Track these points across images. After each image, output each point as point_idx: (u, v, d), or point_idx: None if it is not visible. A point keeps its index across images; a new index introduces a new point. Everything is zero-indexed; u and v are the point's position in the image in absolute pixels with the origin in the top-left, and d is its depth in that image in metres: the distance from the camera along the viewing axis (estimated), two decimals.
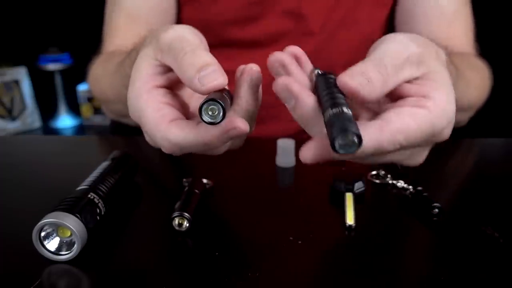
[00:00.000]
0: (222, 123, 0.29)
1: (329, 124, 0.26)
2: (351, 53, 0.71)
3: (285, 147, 0.51)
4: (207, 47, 0.34)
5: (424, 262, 0.35)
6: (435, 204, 0.41)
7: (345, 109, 0.26)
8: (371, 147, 0.27)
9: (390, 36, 0.32)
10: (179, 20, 0.71)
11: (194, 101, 0.37)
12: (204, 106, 0.28)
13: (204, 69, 0.30)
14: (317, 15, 0.68)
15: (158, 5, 0.69)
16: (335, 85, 0.29)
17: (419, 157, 0.32)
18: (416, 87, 0.30)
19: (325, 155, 0.28)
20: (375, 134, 0.27)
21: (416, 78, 0.31)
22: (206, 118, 0.29)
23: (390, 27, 0.74)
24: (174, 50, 0.31)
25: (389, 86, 0.29)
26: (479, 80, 0.63)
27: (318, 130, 0.29)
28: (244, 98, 0.32)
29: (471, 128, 0.71)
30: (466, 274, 0.33)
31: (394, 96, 0.31)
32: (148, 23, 0.67)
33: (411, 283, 0.32)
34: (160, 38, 0.33)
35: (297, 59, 0.33)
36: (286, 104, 0.30)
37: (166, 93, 0.33)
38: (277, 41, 0.69)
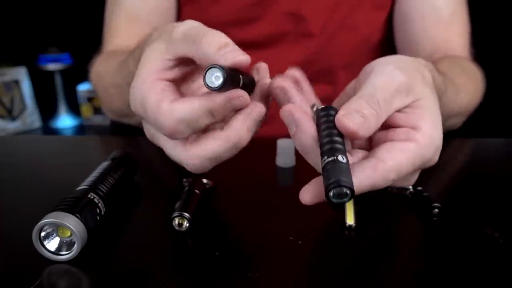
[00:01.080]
0: (227, 93, 0.31)
1: (324, 172, 0.28)
2: (351, 54, 0.71)
3: (285, 147, 0.51)
4: None
5: (424, 262, 0.35)
6: (435, 204, 0.41)
7: (340, 158, 0.28)
8: (366, 186, 0.29)
9: (378, 67, 0.33)
10: (178, 21, 0.71)
11: None
12: (208, 72, 0.30)
13: (225, 47, 0.31)
14: (317, 16, 0.68)
15: (159, 6, 0.69)
16: (335, 124, 0.30)
17: (410, 180, 0.34)
18: (404, 117, 0.32)
19: (322, 197, 0.29)
20: (370, 175, 0.29)
21: (406, 107, 0.32)
22: (208, 81, 0.30)
23: (389, 28, 0.74)
24: (191, 35, 0.32)
25: (382, 119, 0.31)
26: (470, 85, 0.63)
27: (315, 160, 0.31)
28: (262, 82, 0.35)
29: (471, 128, 0.71)
30: (466, 274, 0.33)
31: (384, 124, 0.32)
32: (148, 23, 0.67)
33: (411, 283, 0.32)
34: (173, 32, 0.33)
35: (297, 83, 0.36)
36: (289, 131, 0.32)
37: (171, 84, 0.33)
38: (277, 42, 0.69)
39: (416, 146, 0.31)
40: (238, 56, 0.30)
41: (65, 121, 2.16)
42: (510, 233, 0.38)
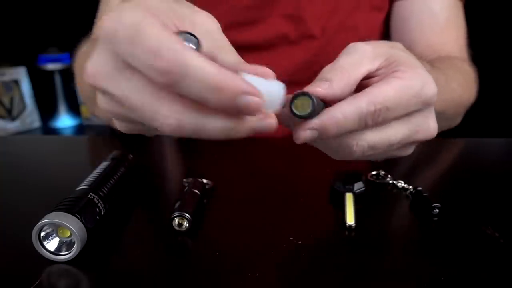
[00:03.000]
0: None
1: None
2: None
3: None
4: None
5: (424, 262, 0.35)
6: (435, 204, 0.41)
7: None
8: (351, 112, 0.29)
9: (347, 46, 0.35)
10: None
11: None
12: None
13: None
14: (316, 19, 0.68)
15: None
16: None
17: (427, 124, 0.33)
18: (382, 75, 0.32)
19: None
20: (352, 101, 0.29)
21: (379, 69, 0.33)
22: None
23: (387, 30, 0.74)
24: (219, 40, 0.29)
25: (352, 78, 0.31)
26: (461, 78, 0.64)
27: None
28: None
29: (471, 128, 0.71)
30: (466, 274, 0.33)
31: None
32: None
33: (411, 283, 0.32)
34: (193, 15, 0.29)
35: None
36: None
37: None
38: (278, 45, 0.69)
39: (399, 80, 0.31)
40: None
41: (64, 121, 2.16)
42: (510, 233, 0.38)
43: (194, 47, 0.25)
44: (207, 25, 0.29)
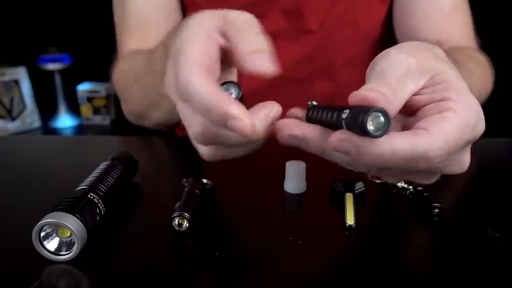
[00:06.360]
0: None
1: (351, 121, 0.25)
2: (351, 50, 0.71)
3: (295, 170, 0.46)
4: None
5: (424, 262, 0.35)
6: (435, 204, 0.41)
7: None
8: (406, 149, 0.25)
9: (382, 55, 0.31)
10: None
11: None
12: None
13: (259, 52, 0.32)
14: (315, 13, 0.68)
15: (168, 6, 0.69)
16: (333, 107, 0.28)
17: (462, 160, 0.30)
18: (429, 97, 0.28)
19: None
20: (411, 138, 0.26)
21: (424, 88, 0.29)
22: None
23: (390, 26, 0.74)
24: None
25: (399, 101, 0.28)
26: (480, 71, 0.63)
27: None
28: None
29: None
30: (466, 274, 0.33)
31: (409, 110, 0.30)
32: (158, 25, 0.67)
33: (411, 283, 0.32)
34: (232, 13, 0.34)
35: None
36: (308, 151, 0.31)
37: (218, 49, 0.31)
38: (277, 41, 0.69)
39: (454, 113, 0.27)
40: (264, 64, 0.31)
41: (64, 121, 2.16)
42: (510, 233, 0.38)
43: (235, 94, 0.31)
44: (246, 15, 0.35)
